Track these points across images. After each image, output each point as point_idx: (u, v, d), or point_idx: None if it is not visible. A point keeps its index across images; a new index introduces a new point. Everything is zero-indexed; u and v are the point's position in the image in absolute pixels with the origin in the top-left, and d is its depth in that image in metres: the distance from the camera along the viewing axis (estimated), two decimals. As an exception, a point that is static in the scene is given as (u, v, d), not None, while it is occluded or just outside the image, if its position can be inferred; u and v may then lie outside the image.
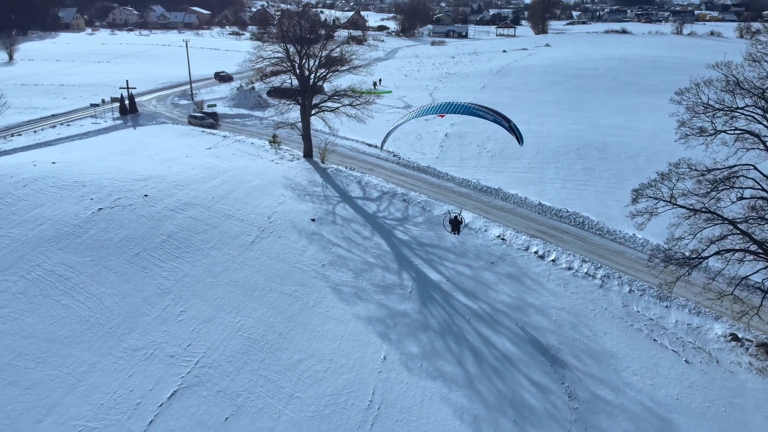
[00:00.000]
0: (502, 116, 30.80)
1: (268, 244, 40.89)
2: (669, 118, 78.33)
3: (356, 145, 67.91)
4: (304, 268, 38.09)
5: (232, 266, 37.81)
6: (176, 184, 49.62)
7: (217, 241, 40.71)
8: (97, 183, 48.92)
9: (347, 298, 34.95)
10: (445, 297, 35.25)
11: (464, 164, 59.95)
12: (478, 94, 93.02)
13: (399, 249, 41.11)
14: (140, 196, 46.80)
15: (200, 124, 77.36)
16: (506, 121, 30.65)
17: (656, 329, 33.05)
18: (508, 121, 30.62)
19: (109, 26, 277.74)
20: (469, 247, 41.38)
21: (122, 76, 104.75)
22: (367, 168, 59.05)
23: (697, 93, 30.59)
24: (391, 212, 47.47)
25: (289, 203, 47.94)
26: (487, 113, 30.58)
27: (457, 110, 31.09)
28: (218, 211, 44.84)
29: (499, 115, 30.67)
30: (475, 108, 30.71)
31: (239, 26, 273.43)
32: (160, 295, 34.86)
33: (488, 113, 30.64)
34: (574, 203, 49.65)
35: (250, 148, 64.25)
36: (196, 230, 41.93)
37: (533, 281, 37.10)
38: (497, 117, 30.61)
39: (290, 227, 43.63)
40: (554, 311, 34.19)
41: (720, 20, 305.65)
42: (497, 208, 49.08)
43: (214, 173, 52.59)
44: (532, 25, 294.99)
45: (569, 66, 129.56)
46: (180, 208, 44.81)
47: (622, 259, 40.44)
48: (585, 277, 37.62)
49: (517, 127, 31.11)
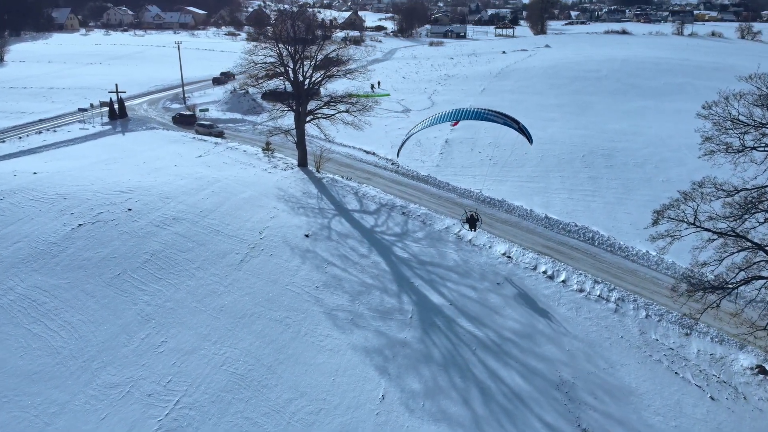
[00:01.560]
0: (512, 118, 32.63)
1: (258, 263, 38.27)
2: (675, 123, 76.79)
3: (353, 152, 65.32)
4: (296, 290, 35.48)
5: (219, 289, 35.18)
6: (163, 196, 47.00)
7: (203, 260, 38.07)
8: (79, 196, 46.29)
9: (343, 325, 32.36)
10: (449, 323, 32.68)
11: (465, 173, 57.36)
12: (478, 97, 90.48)
13: (398, 268, 38.52)
14: (124, 210, 44.17)
15: (208, 132, 73.10)
16: (515, 122, 32.66)
17: (677, 360, 30.50)
18: (517, 123, 32.64)
19: (104, 26, 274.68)
20: (473, 266, 38.80)
21: (114, 79, 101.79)
22: (364, 177, 56.44)
23: (726, 107, 27.94)
24: (390, 226, 44.88)
25: (282, 217, 45.33)
26: (497, 117, 32.34)
27: (469, 116, 32.86)
28: (206, 226, 42.22)
29: (509, 118, 32.45)
30: (485, 113, 32.45)
31: (235, 27, 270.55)
32: (141, 322, 32.22)
33: (498, 117, 32.40)
34: (582, 216, 47.10)
35: (242, 156, 61.59)
36: (181, 248, 39.30)
37: (543, 305, 34.53)
38: (507, 120, 32.42)
39: (282, 244, 41.02)
40: (566, 339, 31.63)
41: (719, 20, 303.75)
42: (501, 222, 46.52)
43: (203, 184, 49.96)
44: (530, 25, 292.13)
45: (570, 68, 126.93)
46: (165, 224, 42.19)
47: (636, 279, 37.89)
48: (598, 300, 35.05)
49: (526, 127, 32.95)
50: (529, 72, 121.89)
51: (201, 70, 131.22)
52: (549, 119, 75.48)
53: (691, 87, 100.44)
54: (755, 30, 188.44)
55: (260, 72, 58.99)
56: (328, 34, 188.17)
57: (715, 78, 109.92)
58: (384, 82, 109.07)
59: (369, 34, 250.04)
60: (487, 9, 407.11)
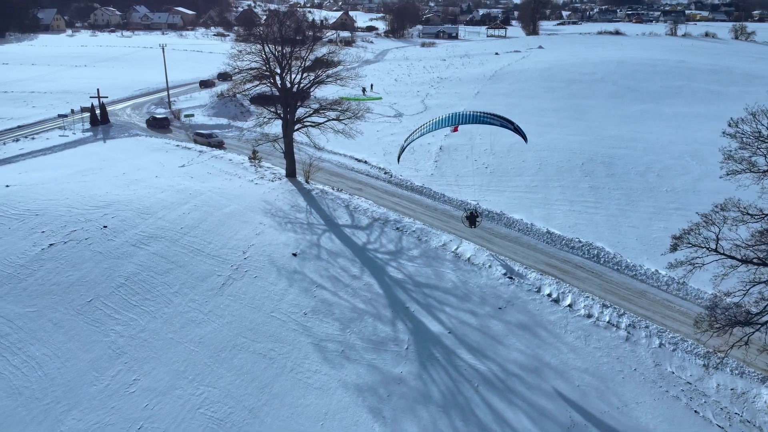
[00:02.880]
0: (507, 120, 34.08)
1: (241, 286, 35.58)
2: (675, 129, 74.62)
3: (344, 160, 62.69)
4: (282, 317, 32.82)
5: (198, 317, 32.48)
6: (141, 211, 44.22)
7: (182, 284, 35.35)
8: (52, 211, 43.48)
9: (333, 359, 29.73)
10: (448, 355, 30.11)
11: (461, 182, 54.77)
12: (472, 101, 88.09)
13: (392, 291, 35.92)
14: (99, 227, 41.39)
15: (207, 143, 68.73)
16: (511, 123, 34.05)
17: (696, 397, 28.06)
18: (512, 123, 34.09)
19: (90, 27, 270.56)
20: (472, 288, 36.25)
21: (98, 82, 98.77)
22: (355, 188, 53.80)
23: (755, 124, 25.51)
24: (383, 243, 42.27)
25: (268, 233, 42.64)
26: (494, 119, 33.44)
27: (467, 120, 33.78)
28: (186, 245, 39.47)
29: (504, 119, 33.90)
30: (482, 116, 33.59)
31: (224, 27, 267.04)
32: (112, 357, 29.48)
33: (495, 119, 33.49)
34: (586, 230, 44.66)
35: (227, 166, 58.80)
36: (158, 270, 36.55)
37: (549, 333, 32.02)
38: (503, 122, 33.72)
39: (268, 264, 38.33)
40: (576, 373, 29.12)
41: (711, 20, 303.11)
42: (501, 237, 44.02)
43: (184, 197, 47.21)
44: (522, 25, 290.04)
45: (566, 70, 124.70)
46: (142, 243, 39.42)
47: (646, 301, 35.44)
48: (607, 327, 32.57)
49: (520, 127, 34.61)
50: (523, 74, 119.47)
51: (188, 73, 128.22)
52: (546, 124, 73.20)
53: (688, 90, 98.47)
54: (749, 30, 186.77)
55: (246, 77, 56.23)
56: (318, 35, 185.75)
57: (712, 81, 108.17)
58: (375, 85, 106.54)
59: (360, 34, 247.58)
60: (478, 9, 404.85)
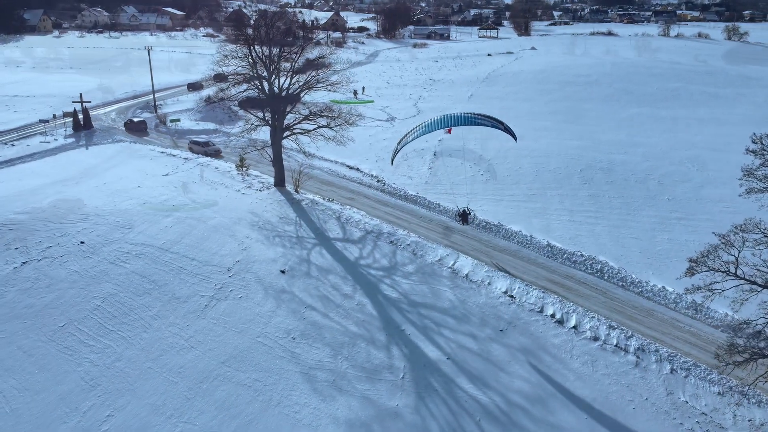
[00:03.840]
0: (497, 120, 35.48)
1: (225, 308, 33.45)
2: (675, 134, 72.91)
3: (335, 167, 60.58)
4: (269, 343, 30.72)
5: (178, 344, 30.32)
6: (121, 225, 42.08)
7: (161, 306, 33.18)
8: (27, 226, 41.29)
9: (323, 389, 27.64)
10: (447, 385, 28.09)
11: (456, 190, 52.67)
12: (466, 104, 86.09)
13: (387, 311, 33.87)
14: (76, 243, 39.22)
15: (203, 152, 65.53)
16: (501, 123, 35.39)
17: (712, 430, 26.16)
18: (502, 123, 35.37)
19: (78, 28, 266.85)
20: (471, 308, 34.24)
21: (83, 86, 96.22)
22: (347, 197, 51.73)
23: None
24: (376, 258, 40.21)
25: (255, 248, 40.51)
26: (484, 120, 34.75)
27: (459, 122, 34.59)
28: (167, 263, 37.29)
29: (494, 120, 35.37)
30: (473, 117, 34.90)
31: (214, 27, 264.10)
32: (85, 389, 27.29)
33: (485, 120, 34.86)
34: (587, 242, 42.79)
35: (213, 174, 56.57)
36: (137, 291, 34.38)
37: (554, 358, 30.06)
38: (494, 122, 35.18)
39: (254, 283, 36.22)
40: (584, 404, 27.17)
41: (702, 20, 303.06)
42: (499, 250, 42.08)
43: (166, 209, 45.05)
44: (514, 26, 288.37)
45: (560, 72, 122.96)
46: (121, 260, 37.23)
47: (654, 321, 33.56)
48: (615, 351, 30.65)
49: (510, 127, 35.95)
50: (517, 77, 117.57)
51: (176, 75, 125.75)
52: (541, 129, 71.33)
53: (685, 92, 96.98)
54: (742, 31, 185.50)
55: (232, 81, 54.03)
56: (310, 36, 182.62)
57: (709, 83, 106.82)
58: (367, 87, 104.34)
59: (351, 35, 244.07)
60: (469, 9, 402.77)
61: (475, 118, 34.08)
